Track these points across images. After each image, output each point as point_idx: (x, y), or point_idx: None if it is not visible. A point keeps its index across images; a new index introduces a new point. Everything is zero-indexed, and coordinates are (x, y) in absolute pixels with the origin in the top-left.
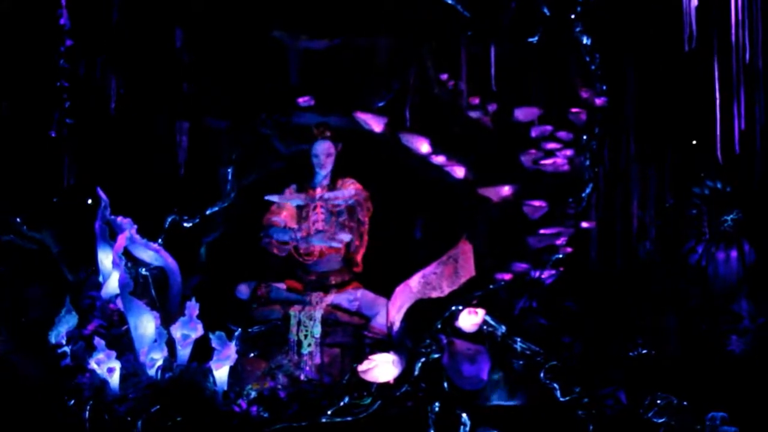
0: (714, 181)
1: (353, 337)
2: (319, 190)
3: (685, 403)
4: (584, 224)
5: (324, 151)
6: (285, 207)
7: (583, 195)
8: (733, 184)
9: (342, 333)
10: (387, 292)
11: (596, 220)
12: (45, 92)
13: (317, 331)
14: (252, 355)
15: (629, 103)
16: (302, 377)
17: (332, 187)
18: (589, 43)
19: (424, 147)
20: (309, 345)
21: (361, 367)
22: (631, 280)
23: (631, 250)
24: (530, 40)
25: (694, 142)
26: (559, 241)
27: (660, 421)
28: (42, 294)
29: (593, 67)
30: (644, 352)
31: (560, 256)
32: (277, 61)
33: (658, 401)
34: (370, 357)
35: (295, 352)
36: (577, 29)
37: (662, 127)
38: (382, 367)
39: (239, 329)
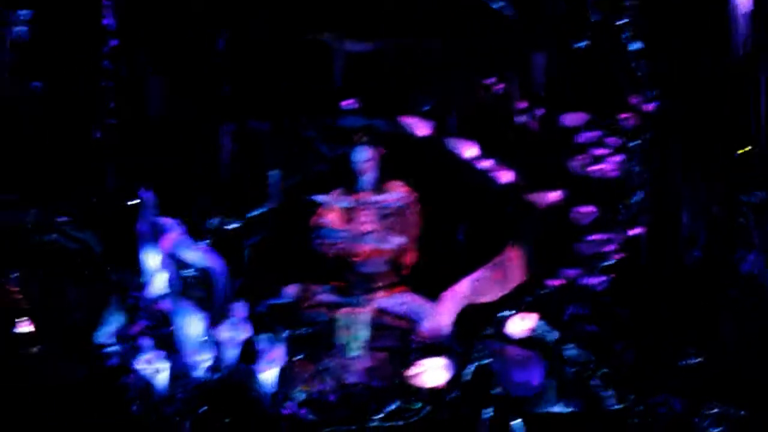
0: (762, 190)
1: (400, 341)
2: (365, 194)
3: (742, 413)
4: (633, 231)
5: (362, 158)
6: (332, 209)
7: (633, 201)
8: None
9: (389, 337)
10: (432, 297)
11: (645, 226)
12: (89, 93)
13: (364, 334)
14: (298, 357)
15: (678, 109)
16: (349, 381)
17: (379, 190)
18: (637, 48)
19: (470, 151)
20: (356, 348)
21: (410, 372)
22: (682, 287)
23: (679, 258)
24: (578, 45)
25: (739, 151)
26: (609, 248)
27: (716, 431)
28: (84, 295)
29: (640, 74)
30: (696, 361)
31: (610, 262)
32: (321, 64)
33: (714, 410)
34: (419, 361)
35: (341, 356)
36: (625, 35)
37: (711, 134)
38: (432, 372)
39: (286, 331)
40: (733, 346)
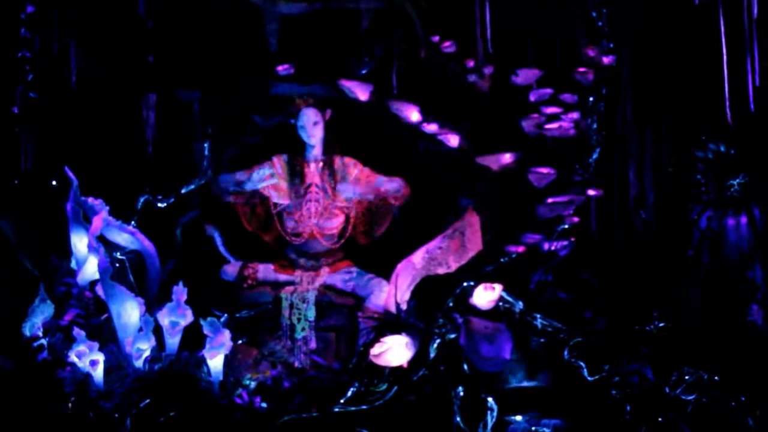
0: (717, 144)
1: (348, 320)
2: (313, 165)
3: (716, 378)
4: (591, 192)
5: (310, 119)
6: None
7: (591, 161)
8: (737, 147)
9: (336, 315)
10: (380, 271)
11: (601, 187)
12: (5, 64)
13: (311, 314)
14: (240, 342)
15: (633, 62)
16: (296, 364)
17: (329, 164)
18: None
19: (414, 115)
20: (303, 329)
21: (373, 351)
22: (637, 249)
23: (629, 219)
24: None
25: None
26: (568, 211)
27: (690, 398)
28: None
29: (600, 24)
30: (661, 325)
31: (566, 226)
32: (253, 28)
33: (687, 377)
34: (381, 339)
35: (288, 338)
36: None
37: (666, 87)
38: (396, 350)
39: (225, 315)
40: (697, 308)
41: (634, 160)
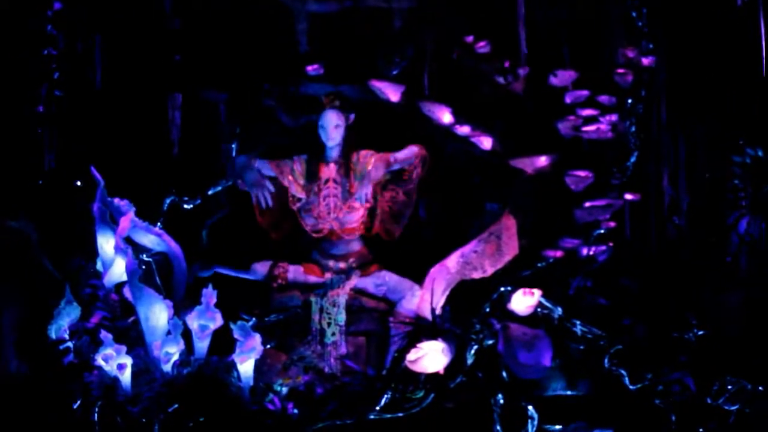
0: (755, 149)
1: (379, 325)
2: (332, 166)
3: (760, 388)
4: (628, 196)
5: (331, 121)
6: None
7: (629, 164)
8: None
9: (367, 320)
10: (410, 276)
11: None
12: (30, 62)
13: (342, 318)
14: (269, 346)
15: (671, 64)
16: (326, 369)
17: (346, 161)
18: None
19: (446, 117)
20: (333, 334)
21: (409, 357)
22: (672, 256)
23: (663, 226)
24: None
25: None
26: (606, 215)
27: (732, 408)
28: (20, 289)
29: (640, 24)
30: (701, 333)
31: (602, 231)
32: (282, 27)
33: (729, 387)
34: (417, 345)
35: (318, 342)
36: None
37: (703, 91)
38: (432, 356)
39: (254, 319)
40: (737, 316)
41: (669, 165)
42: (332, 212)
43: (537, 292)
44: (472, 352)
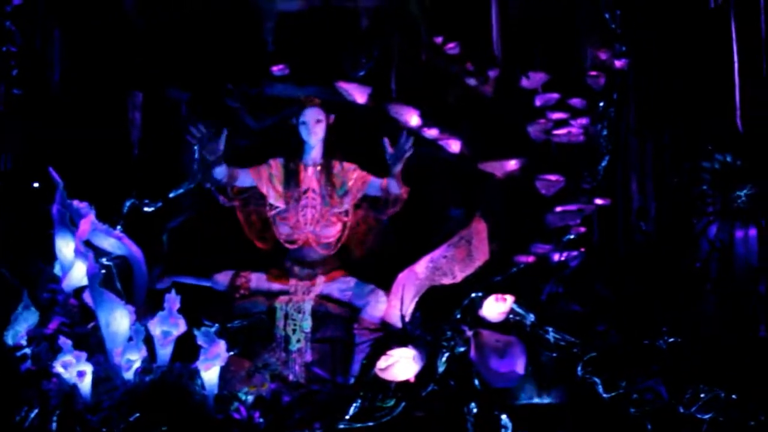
0: (723, 154)
1: (344, 331)
2: (310, 170)
3: (733, 396)
4: (599, 201)
5: (313, 116)
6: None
7: (599, 168)
8: (744, 157)
9: (332, 326)
10: (376, 281)
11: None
12: None
13: (307, 324)
14: (233, 353)
15: (640, 68)
16: (291, 377)
17: (327, 169)
18: None
19: (413, 119)
20: (298, 341)
21: (379, 364)
22: (639, 262)
23: (631, 231)
24: None
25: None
26: (576, 220)
27: (706, 417)
28: None
29: (613, 26)
30: (671, 340)
31: (572, 236)
32: (247, 25)
33: (702, 395)
34: (388, 352)
35: (282, 349)
36: None
37: (672, 96)
38: (402, 364)
39: (216, 325)
40: (708, 323)
41: (636, 170)
42: (309, 224)
43: (509, 298)
44: (444, 359)
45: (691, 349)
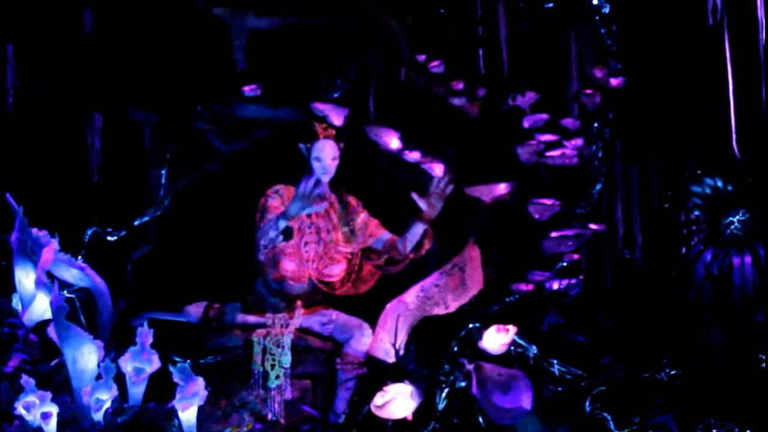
0: (714, 179)
1: (325, 367)
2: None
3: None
4: (593, 226)
5: (329, 154)
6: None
7: (594, 192)
8: (735, 182)
9: (313, 361)
10: (357, 313)
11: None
12: None
13: (287, 360)
14: (207, 391)
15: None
16: (269, 416)
17: (341, 202)
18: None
19: (394, 142)
20: (277, 377)
21: (375, 402)
22: (628, 291)
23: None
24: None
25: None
26: (565, 247)
27: None
28: None
29: (609, 42)
30: (673, 372)
31: (565, 263)
32: (217, 43)
33: (714, 430)
34: (384, 389)
35: (260, 386)
36: None
37: (661, 122)
38: (399, 401)
39: (189, 361)
40: (711, 353)
41: (621, 196)
42: (312, 260)
43: (512, 329)
44: (444, 395)
45: (694, 381)
